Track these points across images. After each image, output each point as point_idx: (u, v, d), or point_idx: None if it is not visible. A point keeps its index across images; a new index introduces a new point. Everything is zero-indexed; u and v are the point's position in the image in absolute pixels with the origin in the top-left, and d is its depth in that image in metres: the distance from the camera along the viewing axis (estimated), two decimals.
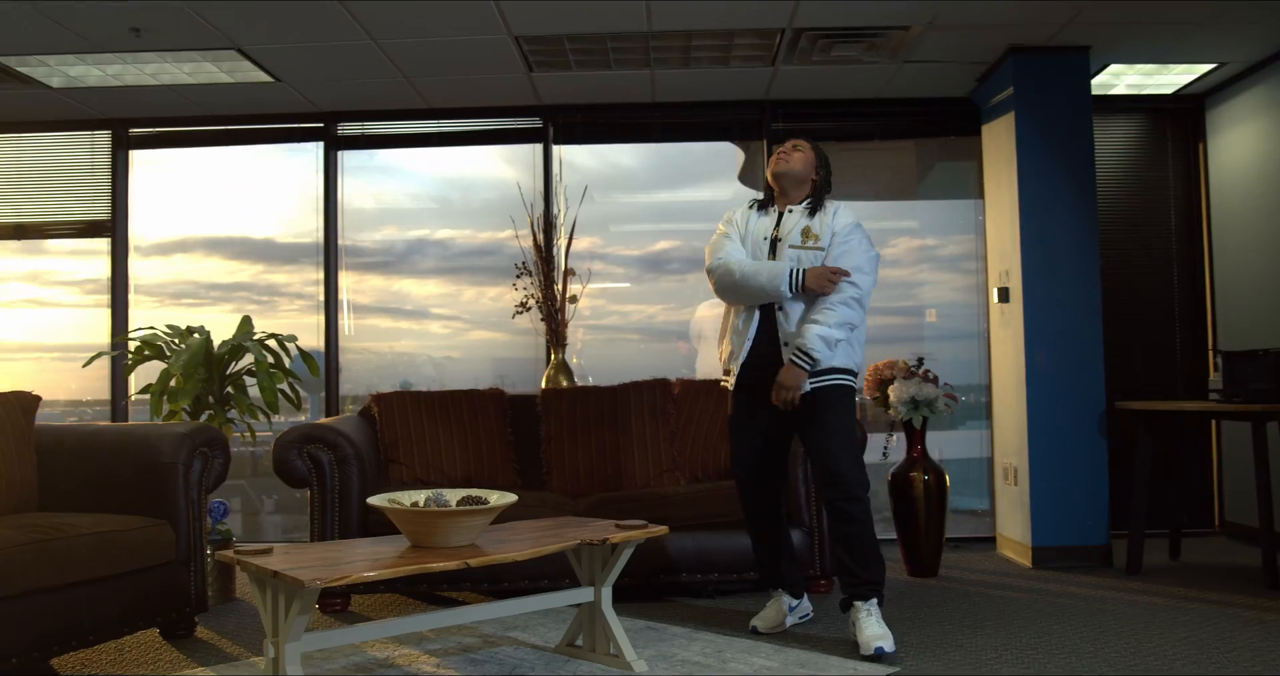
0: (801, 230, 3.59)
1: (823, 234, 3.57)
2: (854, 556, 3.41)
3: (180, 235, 6.04)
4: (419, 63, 5.07)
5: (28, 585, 3.06)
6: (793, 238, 3.59)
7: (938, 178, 6.06)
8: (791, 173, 3.66)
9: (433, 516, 2.90)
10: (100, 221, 5.94)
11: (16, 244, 6.01)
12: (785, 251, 3.57)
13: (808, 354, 3.43)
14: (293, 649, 2.68)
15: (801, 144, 3.70)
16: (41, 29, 4.46)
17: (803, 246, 3.57)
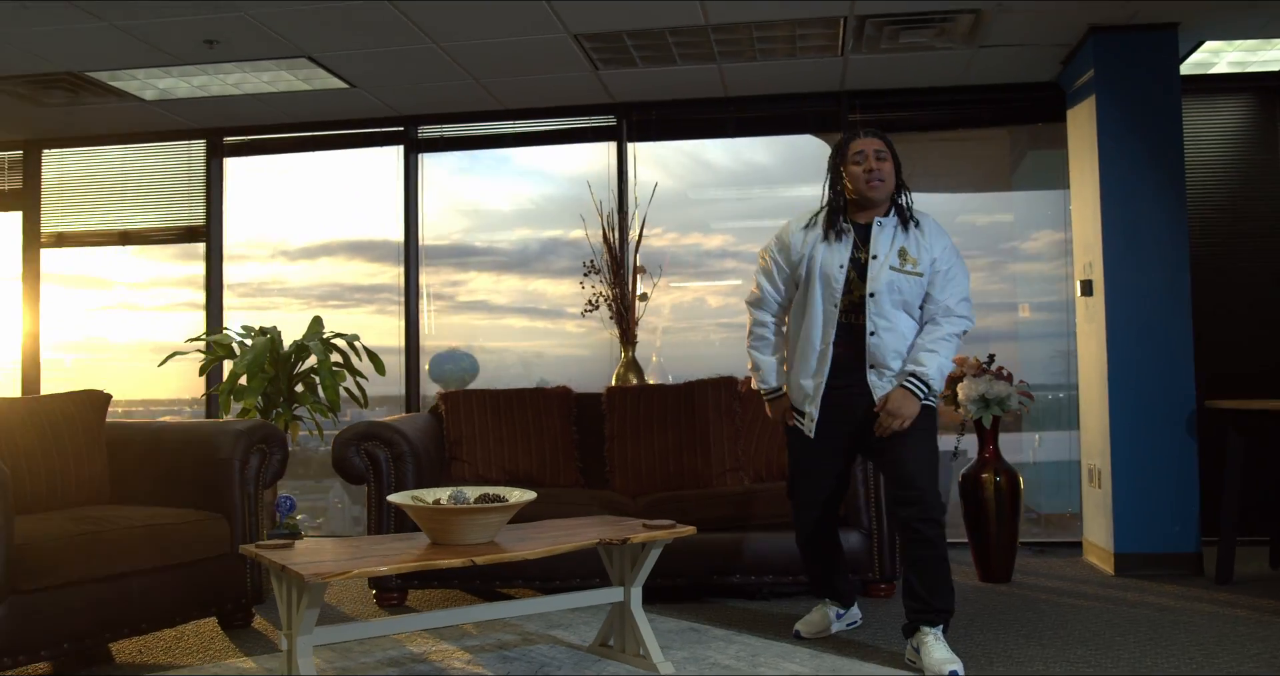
0: (899, 250, 3.24)
1: (920, 257, 3.24)
2: (925, 582, 3.15)
3: (324, 239, 6.21)
4: (485, 64, 5.12)
5: (79, 574, 3.20)
6: (891, 259, 3.23)
7: (1030, 167, 5.81)
8: (886, 192, 3.29)
9: (448, 513, 2.92)
10: (197, 227, 6.20)
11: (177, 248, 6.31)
12: (883, 274, 3.21)
13: (926, 384, 3.19)
14: (304, 642, 2.73)
15: (883, 148, 3.30)
16: (122, 44, 4.67)
17: (901, 269, 3.22)
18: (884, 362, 3.23)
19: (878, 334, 3.23)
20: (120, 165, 6.30)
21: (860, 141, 3.30)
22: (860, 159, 3.27)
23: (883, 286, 3.22)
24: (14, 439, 3.64)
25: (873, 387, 3.25)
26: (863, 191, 3.27)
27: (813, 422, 3.33)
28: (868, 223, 3.31)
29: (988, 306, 5.79)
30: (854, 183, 3.28)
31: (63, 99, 5.48)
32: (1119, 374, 4.63)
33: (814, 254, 3.31)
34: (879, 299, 3.22)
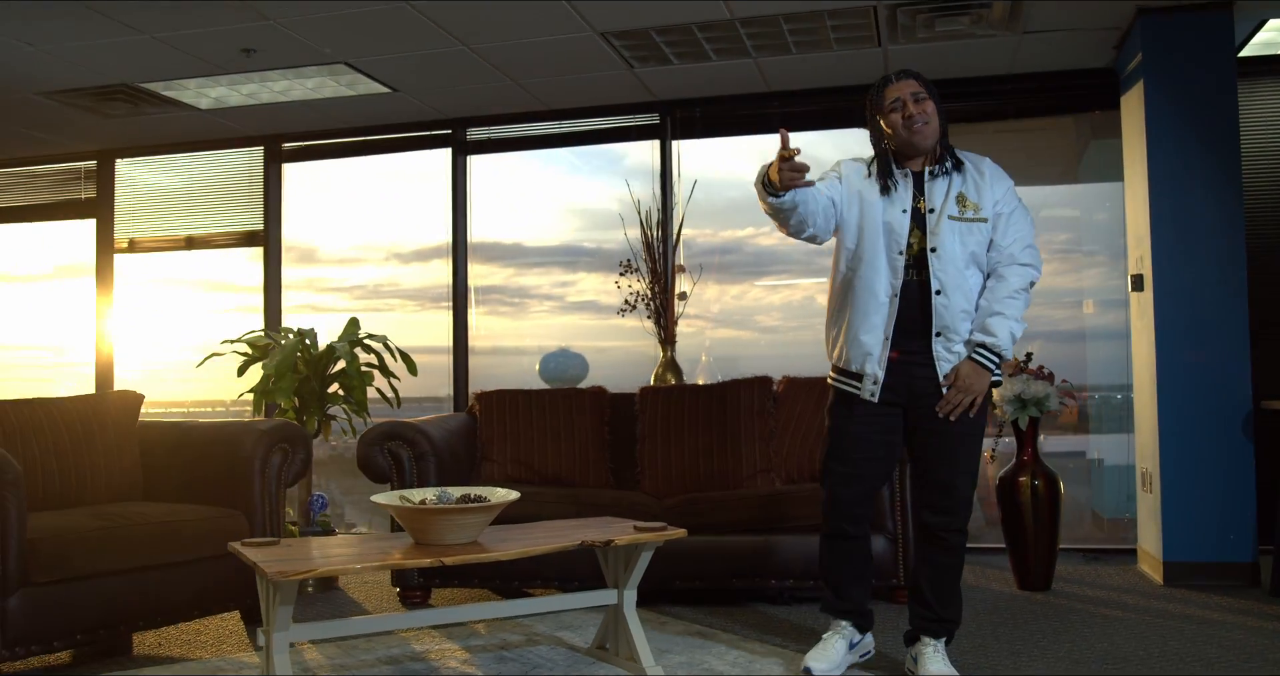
0: (956, 197, 2.95)
1: (982, 201, 2.96)
2: (936, 591, 3.01)
3: (437, 242, 6.28)
4: (520, 66, 5.14)
5: (92, 568, 3.32)
6: (949, 207, 2.94)
7: (1093, 157, 5.58)
8: (933, 135, 2.97)
9: (427, 514, 2.92)
10: (256, 232, 6.38)
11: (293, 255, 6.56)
12: (942, 225, 2.92)
13: (999, 354, 2.92)
14: (280, 638, 2.77)
15: (920, 90, 2.98)
16: (164, 55, 4.83)
17: (961, 217, 2.93)
18: (952, 327, 2.92)
19: (945, 293, 2.91)
20: (186, 173, 6.52)
21: (894, 87, 2.98)
22: (898, 106, 2.96)
23: (944, 239, 2.92)
24: (46, 437, 3.79)
25: (938, 359, 2.94)
26: (907, 139, 2.96)
27: (876, 385, 2.97)
28: (919, 171, 3.01)
29: (1055, 304, 5.59)
30: (896, 132, 2.98)
31: (124, 110, 5.70)
32: (1168, 372, 4.39)
33: (869, 199, 2.99)
34: (942, 254, 2.91)
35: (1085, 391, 5.48)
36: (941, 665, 2.97)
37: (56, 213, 6.74)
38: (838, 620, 3.16)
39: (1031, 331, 5.64)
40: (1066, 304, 5.60)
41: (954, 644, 3.42)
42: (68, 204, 6.70)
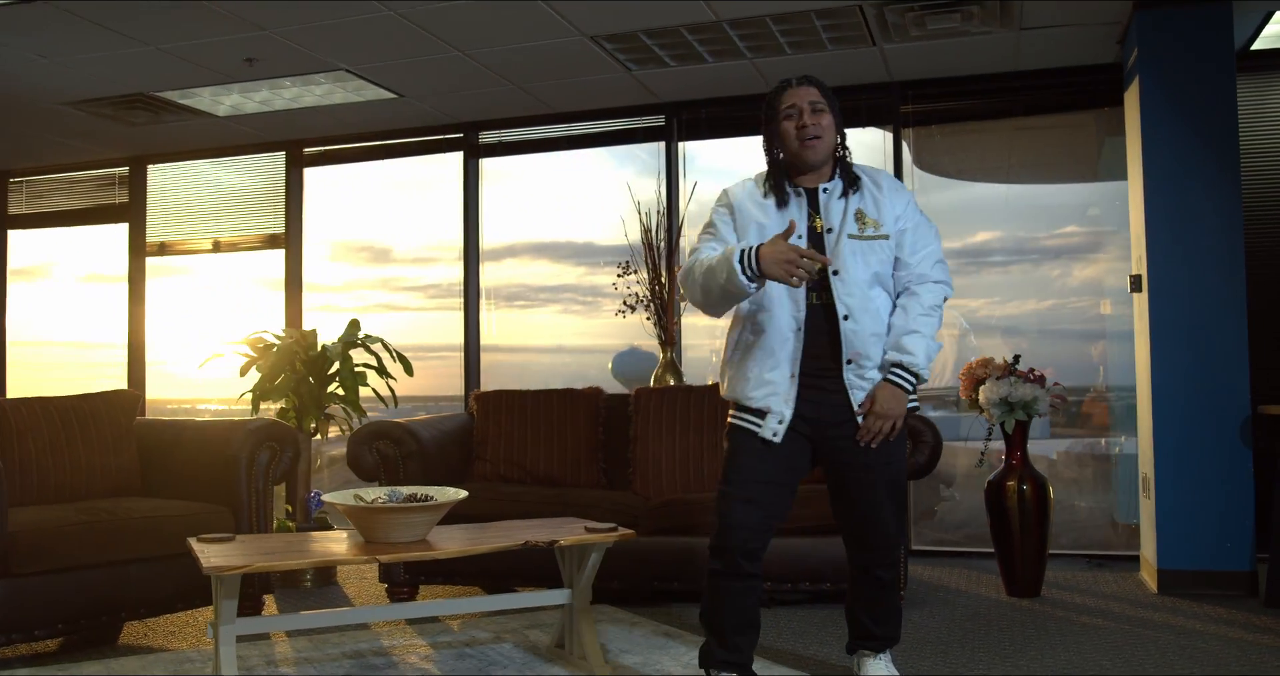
0: (855, 214, 2.77)
1: (881, 217, 2.78)
2: (873, 615, 2.92)
3: (510, 241, 6.40)
4: (518, 70, 5.21)
5: (73, 560, 3.45)
6: (848, 226, 2.76)
7: (1110, 155, 5.46)
8: (826, 154, 2.78)
9: (372, 512, 2.99)
10: (278, 234, 6.55)
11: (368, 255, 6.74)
12: (842, 245, 2.74)
13: (915, 374, 2.73)
14: (226, 630, 2.86)
15: (819, 99, 2.78)
16: (171, 66, 5.00)
17: (861, 235, 2.75)
18: (864, 352, 2.73)
19: (853, 317, 2.72)
20: (213, 178, 6.72)
21: (792, 92, 2.78)
22: (793, 113, 2.76)
23: (846, 261, 2.74)
24: (43, 435, 3.95)
25: (851, 387, 2.73)
26: (796, 152, 2.76)
27: (781, 425, 2.73)
28: (814, 188, 2.82)
29: (1076, 303, 5.51)
30: (786, 142, 2.77)
31: (146, 118, 5.90)
32: (1164, 375, 4.30)
33: (767, 225, 2.78)
34: (845, 276, 2.73)
35: (1107, 392, 5.38)
36: (883, 667, 2.96)
37: (92, 217, 6.99)
38: (721, 673, 2.81)
39: (1051, 330, 5.54)
40: (1087, 303, 5.50)
41: (918, 647, 3.41)
42: (102, 209, 6.94)
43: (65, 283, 7.31)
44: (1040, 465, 4.58)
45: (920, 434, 4.04)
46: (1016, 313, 5.60)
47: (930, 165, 5.72)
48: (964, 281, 5.60)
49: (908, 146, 5.61)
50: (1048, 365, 4.49)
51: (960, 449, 5.34)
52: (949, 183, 5.77)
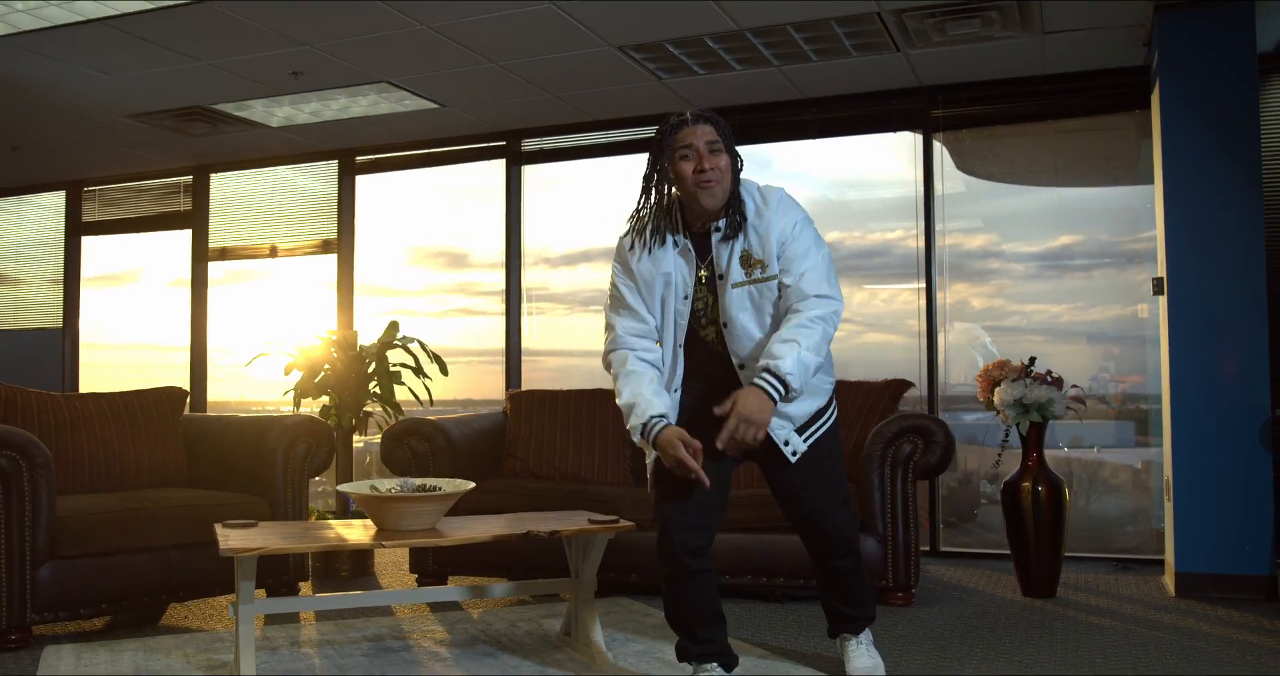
0: (740, 257, 2.70)
1: (765, 251, 2.68)
2: (845, 599, 3.03)
3: (583, 247, 6.56)
4: (552, 80, 5.38)
5: (115, 544, 3.69)
6: (733, 273, 2.70)
7: (1148, 158, 5.44)
8: (723, 194, 2.69)
9: (382, 501, 3.17)
10: (330, 239, 6.82)
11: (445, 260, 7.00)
12: (730, 295, 2.70)
13: (782, 380, 2.57)
14: (245, 610, 3.06)
15: (715, 138, 2.69)
16: (223, 80, 5.27)
17: (749, 280, 2.69)
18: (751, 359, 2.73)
19: (746, 367, 2.73)
20: (270, 185, 7.02)
21: (688, 131, 2.68)
22: (689, 154, 2.67)
23: (733, 311, 2.72)
24: (94, 428, 4.22)
25: (773, 431, 2.72)
26: (694, 195, 2.68)
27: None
28: (704, 230, 2.76)
29: (1119, 308, 5.49)
30: (683, 184, 2.69)
31: (204, 129, 6.20)
32: (1182, 378, 4.29)
33: (669, 271, 2.76)
34: (734, 327, 2.73)
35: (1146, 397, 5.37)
36: (866, 657, 3.05)
37: (158, 224, 7.34)
38: (702, 665, 2.84)
39: (1134, 336, 5.45)
40: (1129, 308, 5.45)
41: (915, 642, 3.49)
42: (168, 216, 7.29)
43: (141, 287, 7.67)
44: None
45: (932, 434, 4.10)
46: (1100, 318, 5.55)
47: (970, 170, 5.75)
48: (1044, 286, 5.61)
49: (944, 150, 5.65)
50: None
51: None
52: (1013, 188, 5.77)
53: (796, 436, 2.78)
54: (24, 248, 7.84)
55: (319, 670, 3.21)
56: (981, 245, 5.77)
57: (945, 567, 5.02)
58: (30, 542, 3.50)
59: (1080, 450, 5.50)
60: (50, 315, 7.64)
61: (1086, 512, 5.39)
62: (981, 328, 5.69)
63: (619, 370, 2.76)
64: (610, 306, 2.88)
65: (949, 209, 5.66)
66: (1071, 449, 5.52)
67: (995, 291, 5.74)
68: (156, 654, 3.42)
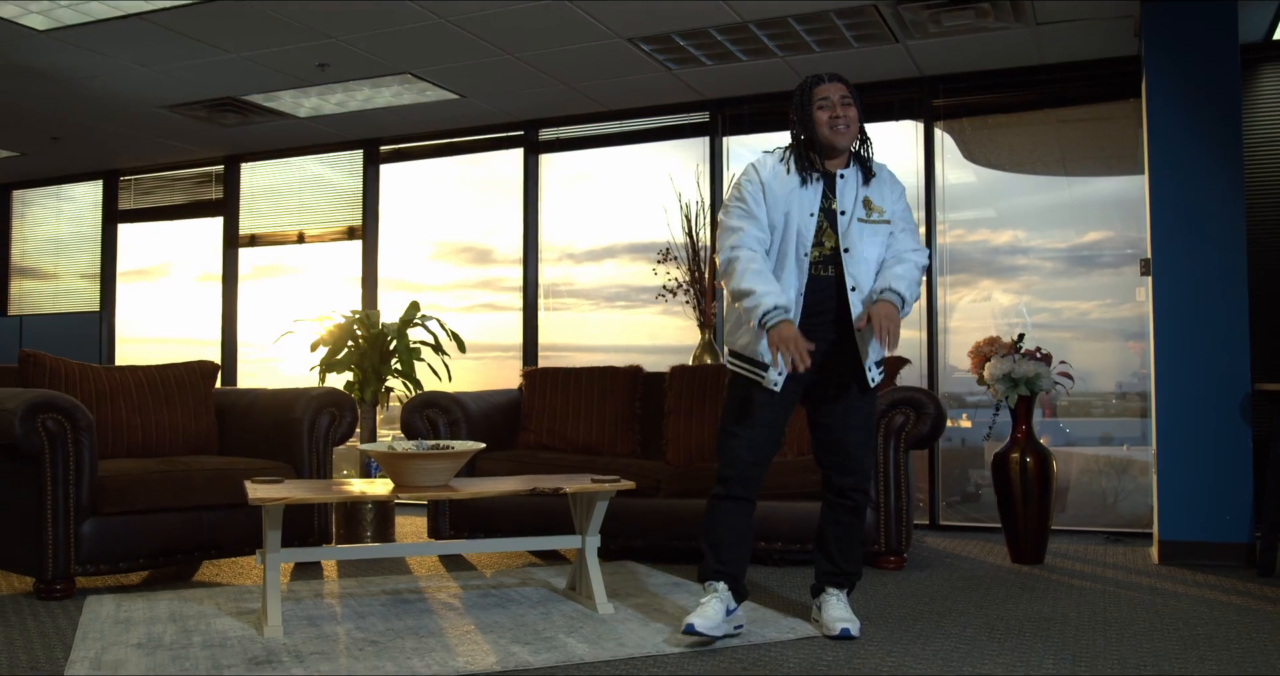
0: (863, 201, 3.16)
1: (884, 205, 3.19)
2: (841, 547, 3.27)
3: (607, 243, 6.70)
4: (565, 70, 5.60)
5: (151, 504, 3.96)
6: (858, 211, 3.15)
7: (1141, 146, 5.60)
8: (851, 138, 3.15)
9: (398, 458, 3.41)
10: (355, 226, 7.08)
11: (469, 256, 7.25)
12: (853, 227, 3.13)
13: (901, 295, 3.10)
14: (272, 558, 3.31)
15: (848, 94, 3.16)
16: (252, 71, 5.54)
17: (869, 220, 3.16)
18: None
19: (858, 290, 3.14)
20: (298, 174, 7.29)
21: (825, 86, 3.17)
22: (826, 104, 3.14)
23: (854, 240, 3.14)
24: (132, 398, 4.48)
25: (864, 352, 3.16)
26: (828, 137, 3.13)
27: (781, 377, 3.10)
28: (833, 172, 3.19)
29: (1115, 300, 5.64)
30: (819, 129, 3.14)
31: (235, 120, 6.47)
32: (1167, 354, 4.47)
33: (790, 199, 3.15)
34: (854, 254, 3.14)
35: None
36: (842, 609, 3.25)
37: (191, 212, 7.63)
38: (714, 583, 3.16)
39: (1127, 332, 5.59)
40: (1126, 298, 5.58)
41: (903, 600, 3.68)
42: (201, 204, 7.58)
43: (172, 282, 7.95)
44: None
45: (923, 406, 4.30)
46: (1130, 315, 5.62)
47: (974, 157, 5.93)
48: (1074, 283, 5.71)
49: (948, 139, 5.83)
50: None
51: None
52: (1038, 180, 5.92)
53: (877, 368, 3.22)
54: (63, 236, 8.16)
55: (339, 616, 3.46)
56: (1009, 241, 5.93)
57: (942, 539, 5.22)
58: (74, 500, 3.78)
59: (1109, 447, 5.64)
60: (88, 300, 7.94)
61: (1115, 510, 5.55)
62: (1025, 305, 5.82)
63: (745, 265, 3.09)
64: (734, 214, 3.20)
65: (952, 201, 5.84)
66: (1101, 445, 5.65)
67: (1022, 288, 5.90)
68: (190, 602, 3.68)
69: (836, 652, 2.98)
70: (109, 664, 2.86)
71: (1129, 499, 5.57)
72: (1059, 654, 2.96)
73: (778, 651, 3.00)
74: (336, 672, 2.77)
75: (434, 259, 7.20)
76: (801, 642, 3.11)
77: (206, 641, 3.12)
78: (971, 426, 5.95)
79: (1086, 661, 2.88)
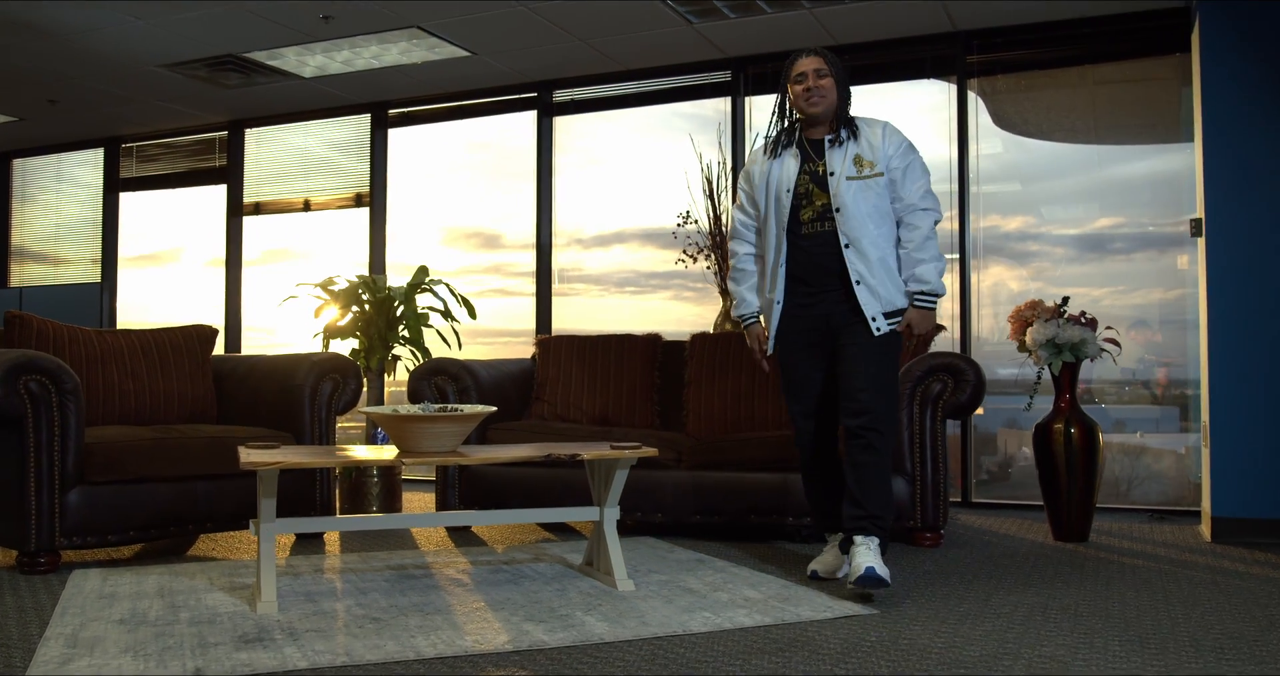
0: (853, 159, 3.30)
1: (876, 159, 3.29)
2: (862, 486, 3.19)
3: (616, 228, 6.46)
4: (581, 23, 5.33)
5: (142, 472, 3.74)
6: (847, 169, 3.28)
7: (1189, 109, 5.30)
8: (828, 110, 3.34)
9: (402, 421, 3.16)
10: (363, 193, 6.83)
11: (479, 241, 7.00)
12: (842, 186, 3.26)
13: (932, 293, 3.28)
14: (266, 528, 3.07)
15: (822, 66, 3.33)
16: (254, 25, 5.27)
17: (860, 176, 3.28)
18: (868, 274, 3.24)
19: (853, 246, 3.25)
20: (304, 139, 7.04)
21: (801, 61, 3.37)
22: (801, 79, 3.35)
23: (847, 199, 3.26)
24: (125, 362, 4.25)
25: (865, 305, 3.25)
26: (803, 108, 3.36)
27: (770, 338, 3.43)
28: (820, 139, 3.38)
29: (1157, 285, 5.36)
30: (795, 101, 3.39)
31: (238, 80, 6.22)
32: (1219, 320, 4.20)
33: (769, 176, 3.42)
34: (845, 211, 3.26)
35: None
36: (870, 557, 3.07)
37: (194, 180, 7.39)
38: (830, 534, 3.54)
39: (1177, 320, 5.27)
40: (1170, 292, 5.28)
41: (943, 577, 3.44)
42: (203, 171, 7.34)
43: (179, 268, 7.70)
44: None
45: (962, 372, 4.04)
46: (1143, 302, 5.41)
47: (1006, 121, 5.64)
48: (1086, 270, 5.49)
49: (978, 99, 5.55)
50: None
51: None
52: (1056, 169, 5.64)
53: (884, 318, 3.26)
54: (63, 207, 7.92)
55: (339, 592, 3.22)
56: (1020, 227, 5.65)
57: (976, 516, 4.96)
58: (59, 467, 3.55)
59: (1123, 435, 5.40)
60: (90, 274, 7.71)
61: (1129, 497, 5.28)
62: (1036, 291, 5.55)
63: (734, 261, 3.58)
64: (735, 203, 3.61)
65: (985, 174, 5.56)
66: (1114, 432, 5.40)
67: (1035, 274, 5.62)
68: (181, 577, 3.45)
69: (880, 631, 2.73)
70: (86, 641, 2.63)
71: (1142, 486, 5.33)
72: (1124, 634, 2.70)
73: (815, 630, 2.75)
74: (333, 651, 2.53)
75: (443, 244, 6.93)
76: (841, 621, 2.86)
77: (194, 617, 2.89)
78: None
79: (1156, 642, 2.62)
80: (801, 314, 3.37)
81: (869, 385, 3.22)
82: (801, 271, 3.35)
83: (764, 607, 2.99)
